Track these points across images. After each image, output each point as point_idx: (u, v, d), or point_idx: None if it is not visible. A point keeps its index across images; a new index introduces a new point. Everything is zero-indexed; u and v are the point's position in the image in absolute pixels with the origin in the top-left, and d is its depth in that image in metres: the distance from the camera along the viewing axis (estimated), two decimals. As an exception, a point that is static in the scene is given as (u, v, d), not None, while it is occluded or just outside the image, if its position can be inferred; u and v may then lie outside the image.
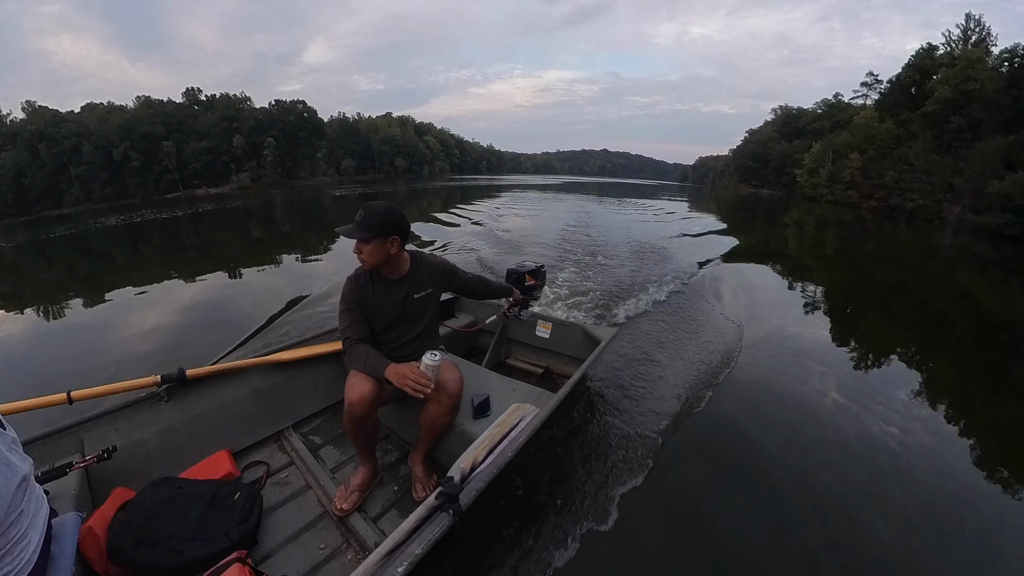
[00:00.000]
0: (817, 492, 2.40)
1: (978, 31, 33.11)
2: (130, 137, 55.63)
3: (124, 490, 1.63)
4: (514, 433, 1.71)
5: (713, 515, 2.22)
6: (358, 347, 1.75)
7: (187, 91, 65.10)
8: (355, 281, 1.85)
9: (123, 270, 9.42)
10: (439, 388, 1.69)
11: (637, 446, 2.56)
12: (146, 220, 19.85)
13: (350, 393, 1.67)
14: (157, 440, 1.92)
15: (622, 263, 7.47)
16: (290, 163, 66.34)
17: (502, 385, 2.17)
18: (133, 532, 1.42)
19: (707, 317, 4.89)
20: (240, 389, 2.22)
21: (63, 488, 1.51)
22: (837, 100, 55.09)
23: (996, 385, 4.28)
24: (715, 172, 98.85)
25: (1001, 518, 2.35)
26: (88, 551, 1.36)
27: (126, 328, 5.08)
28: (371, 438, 1.86)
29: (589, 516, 2.05)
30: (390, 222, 1.72)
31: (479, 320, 3.24)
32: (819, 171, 44.16)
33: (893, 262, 12.18)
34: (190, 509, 1.55)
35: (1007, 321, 6.66)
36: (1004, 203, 20.76)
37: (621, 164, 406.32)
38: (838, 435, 2.98)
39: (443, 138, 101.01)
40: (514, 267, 2.80)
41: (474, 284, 2.23)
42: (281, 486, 1.96)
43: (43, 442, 1.70)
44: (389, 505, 1.87)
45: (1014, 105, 26.23)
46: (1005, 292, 9.28)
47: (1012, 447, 3.15)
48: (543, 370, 3.06)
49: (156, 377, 1.94)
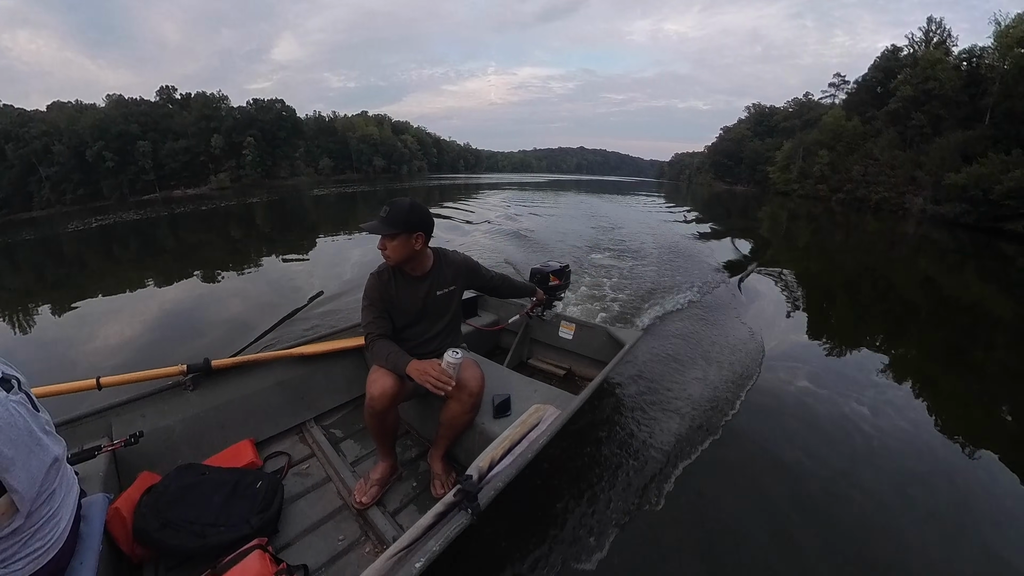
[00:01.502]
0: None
1: (939, 33, 34.83)
2: (104, 137, 53.53)
3: (150, 474, 1.67)
4: (534, 434, 1.69)
5: (739, 538, 2.04)
6: (380, 342, 1.75)
7: (161, 89, 63.01)
8: (378, 277, 1.84)
9: (103, 274, 9.18)
10: (460, 386, 1.68)
11: (659, 454, 2.47)
12: (127, 222, 19.24)
13: (371, 388, 1.68)
14: (182, 427, 1.95)
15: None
16: (270, 163, 64.78)
17: (523, 385, 2.14)
18: (158, 515, 1.45)
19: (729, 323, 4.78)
20: (264, 381, 2.23)
21: (92, 470, 1.56)
22: (808, 99, 56.75)
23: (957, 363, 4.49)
24: (691, 169, 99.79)
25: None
26: (115, 530, 1.40)
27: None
28: (391, 433, 1.85)
29: (607, 526, 1.98)
30: (414, 219, 1.72)
31: (502, 319, 3.20)
32: (790, 167, 45.39)
33: (860, 251, 12.62)
34: (213, 495, 1.57)
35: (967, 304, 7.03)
36: (960, 193, 21.84)
37: (598, 161, 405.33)
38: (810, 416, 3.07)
39: (420, 137, 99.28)
40: (538, 267, 2.75)
41: (497, 283, 2.20)
42: (302, 477, 1.97)
43: (73, 425, 1.74)
44: (408, 501, 1.87)
45: (971, 102, 27.89)
46: (961, 276, 9.84)
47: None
48: (565, 372, 3.00)
49: (182, 367, 1.97)
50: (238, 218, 18.67)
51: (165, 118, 59.67)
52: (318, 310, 4.84)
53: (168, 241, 13.60)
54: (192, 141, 59.09)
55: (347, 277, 6.63)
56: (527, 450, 1.57)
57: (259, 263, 8.65)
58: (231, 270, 8.03)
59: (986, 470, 2.66)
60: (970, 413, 3.53)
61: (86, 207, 41.75)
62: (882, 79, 37.25)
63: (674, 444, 2.56)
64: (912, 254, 12.51)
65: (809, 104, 55.82)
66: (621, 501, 2.13)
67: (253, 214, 19.89)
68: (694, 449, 2.55)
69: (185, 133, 59.11)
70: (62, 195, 53.77)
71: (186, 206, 26.20)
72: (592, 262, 7.34)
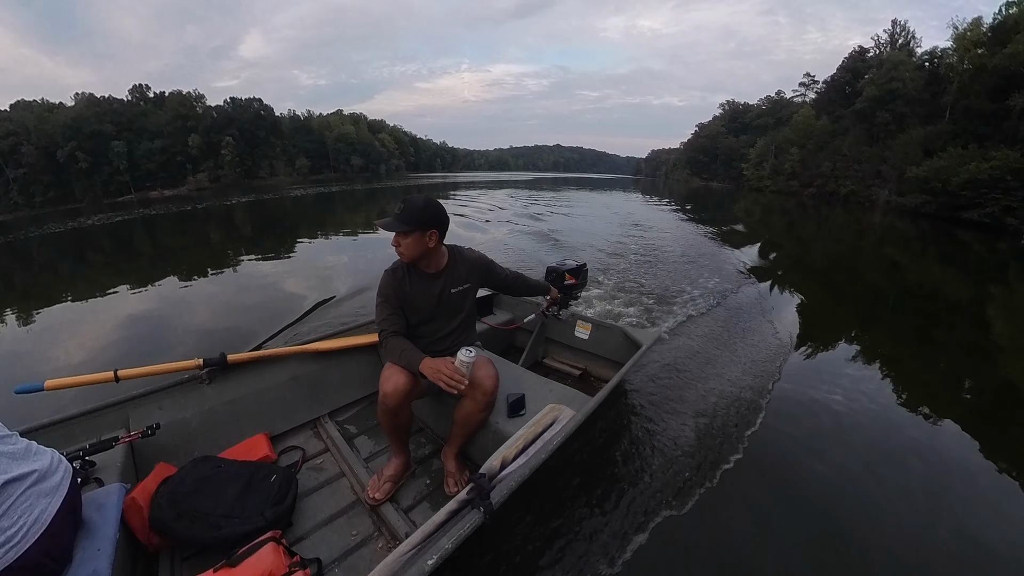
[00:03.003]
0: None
1: (904, 35, 37.41)
2: (76, 137, 51.44)
3: (166, 466, 1.66)
4: (548, 435, 1.65)
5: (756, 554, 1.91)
6: (394, 340, 1.72)
7: (134, 88, 61.05)
8: (392, 274, 1.81)
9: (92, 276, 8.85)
10: (474, 385, 1.65)
11: (679, 457, 2.38)
12: (100, 225, 18.44)
13: (385, 385, 1.65)
14: (198, 420, 1.95)
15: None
16: (250, 163, 63.28)
17: (538, 385, 2.10)
18: (174, 505, 1.45)
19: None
20: (279, 375, 2.22)
21: (109, 460, 1.58)
22: (780, 97, 58.20)
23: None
24: (667, 166, 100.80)
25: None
26: (131, 520, 1.42)
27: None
28: (404, 430, 1.83)
29: (626, 530, 1.92)
30: (429, 216, 1.69)
31: (517, 318, 3.15)
32: (763, 164, 46.62)
33: (831, 241, 13.20)
34: (228, 488, 1.57)
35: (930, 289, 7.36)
36: (922, 185, 23.04)
37: (575, 159, 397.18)
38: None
39: (397, 136, 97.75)
40: (554, 265, 2.67)
41: (511, 280, 2.15)
42: (316, 472, 1.96)
43: (92, 416, 1.77)
44: (421, 497, 1.85)
45: (932, 100, 29.26)
46: (923, 261, 10.44)
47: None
48: (581, 372, 2.93)
49: (199, 360, 1.97)
50: (218, 219, 18.21)
51: (140, 117, 57.63)
52: (333, 311, 4.81)
53: (178, 240, 13.15)
54: (169, 141, 57.24)
55: (360, 276, 6.57)
56: (541, 450, 1.54)
57: (236, 265, 8.44)
58: (214, 271, 7.86)
59: (957, 446, 2.74)
60: (935, 391, 3.67)
61: (57, 209, 40.00)
62: (850, 79, 39.16)
63: (694, 447, 2.46)
64: (878, 243, 13.02)
65: (781, 102, 57.28)
66: (639, 505, 2.06)
67: (232, 214, 19.43)
68: (716, 453, 2.44)
69: (161, 133, 57.22)
70: (31, 197, 51.69)
71: (166, 207, 25.36)
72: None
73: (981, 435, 2.83)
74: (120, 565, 1.25)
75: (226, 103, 63.88)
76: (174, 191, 53.10)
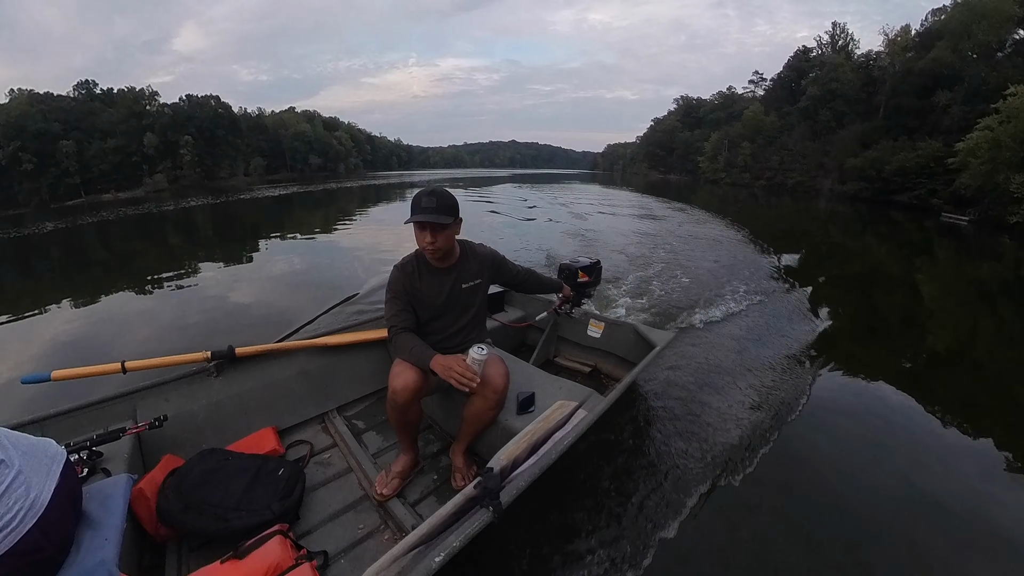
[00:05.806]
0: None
1: (843, 36, 40.59)
2: (20, 136, 47.15)
3: (173, 457, 1.64)
4: (560, 434, 1.58)
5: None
6: (403, 336, 1.67)
7: (79, 84, 56.48)
8: (402, 269, 1.75)
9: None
10: (484, 382, 1.59)
11: (695, 459, 2.28)
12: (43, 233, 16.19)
13: (394, 381, 1.60)
14: (206, 413, 1.91)
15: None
16: (209, 163, 59.86)
17: (549, 383, 2.01)
18: (181, 497, 1.43)
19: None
20: (287, 369, 2.16)
21: (116, 451, 1.55)
22: (731, 92, 60.32)
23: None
24: (624, 160, 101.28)
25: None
26: (139, 510, 1.40)
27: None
28: (413, 427, 1.78)
29: (639, 534, 1.83)
30: (456, 204, 1.63)
31: (529, 316, 3.03)
32: (718, 158, 48.39)
33: (783, 224, 14.56)
34: (236, 480, 1.54)
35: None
36: (859, 174, 26.81)
37: (531, 155, 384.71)
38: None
39: (353, 133, 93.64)
40: (567, 262, 2.58)
41: (523, 277, 2.09)
42: (324, 466, 1.91)
43: (99, 407, 1.73)
44: (428, 493, 1.82)
45: (868, 99, 32.65)
46: (863, 241, 11.76)
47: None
48: (591, 368, 2.84)
49: (207, 353, 1.92)
50: (175, 223, 17.19)
51: (89, 116, 53.30)
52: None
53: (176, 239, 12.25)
54: (122, 140, 53.15)
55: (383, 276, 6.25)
56: (552, 450, 1.48)
57: (196, 269, 7.91)
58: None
59: (904, 408, 2.97)
60: (878, 356, 3.97)
61: (-1, 214, 36.57)
62: (795, 77, 42.34)
63: (711, 449, 2.35)
64: (823, 225, 14.60)
65: (733, 97, 59.31)
66: (652, 508, 1.96)
67: (194, 217, 18.41)
68: (733, 456, 2.32)
69: (114, 132, 53.08)
70: (-31, 202, 47.13)
71: (122, 210, 23.50)
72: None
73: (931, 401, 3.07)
74: (127, 554, 1.23)
75: (182, 100, 60.15)
76: (130, 193, 49.45)
